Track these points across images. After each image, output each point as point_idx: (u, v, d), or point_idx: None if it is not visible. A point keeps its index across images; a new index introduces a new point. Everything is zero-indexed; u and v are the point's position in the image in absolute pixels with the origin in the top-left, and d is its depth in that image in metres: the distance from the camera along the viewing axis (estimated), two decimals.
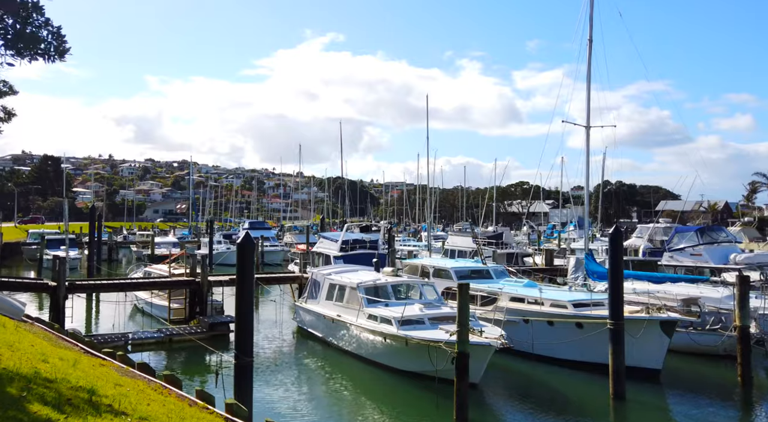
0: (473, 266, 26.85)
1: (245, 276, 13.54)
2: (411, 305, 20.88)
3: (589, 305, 20.38)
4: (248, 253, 13.62)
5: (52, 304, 24.45)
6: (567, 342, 19.70)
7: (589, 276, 27.23)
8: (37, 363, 9.85)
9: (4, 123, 12.87)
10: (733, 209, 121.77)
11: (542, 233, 75.41)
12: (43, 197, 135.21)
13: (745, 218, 74.13)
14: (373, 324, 20.51)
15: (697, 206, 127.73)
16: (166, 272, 30.79)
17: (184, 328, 25.13)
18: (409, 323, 19.09)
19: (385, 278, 23.21)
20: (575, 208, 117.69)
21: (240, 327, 13.44)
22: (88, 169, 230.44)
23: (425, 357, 17.22)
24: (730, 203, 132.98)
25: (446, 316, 19.79)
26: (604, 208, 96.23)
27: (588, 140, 27.36)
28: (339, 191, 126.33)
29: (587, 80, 27.03)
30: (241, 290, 13.54)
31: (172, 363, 22.06)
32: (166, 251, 59.79)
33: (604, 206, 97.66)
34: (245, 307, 13.48)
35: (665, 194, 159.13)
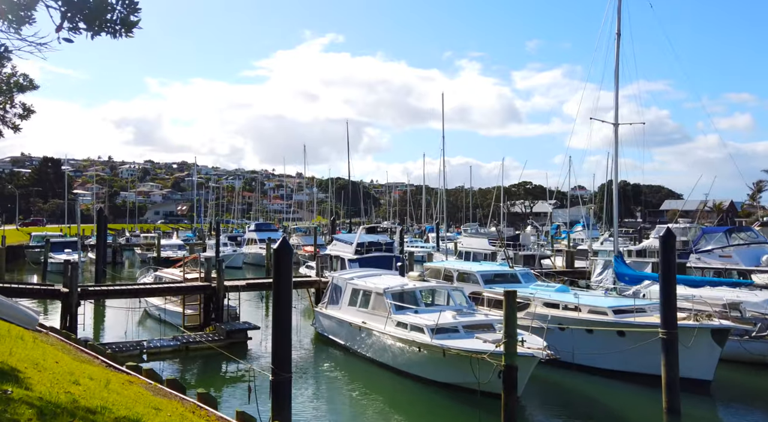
0: (500, 270, 25.88)
1: (283, 285, 12.59)
2: (442, 312, 19.94)
3: (632, 311, 19.42)
4: (285, 259, 12.66)
5: (64, 311, 23.45)
6: (610, 351, 18.70)
7: (619, 279, 26.34)
8: (69, 385, 8.90)
9: (23, 120, 11.92)
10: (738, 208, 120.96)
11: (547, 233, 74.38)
12: (44, 200, 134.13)
13: (765, 217, 73.25)
14: (402, 331, 19.55)
15: (701, 206, 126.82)
16: (178, 277, 29.86)
17: (201, 335, 24.16)
18: (443, 331, 18.10)
19: (413, 284, 22.25)
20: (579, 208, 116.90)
21: (278, 340, 12.47)
22: (87, 171, 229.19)
23: (465, 368, 16.23)
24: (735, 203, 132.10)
25: (481, 324, 18.84)
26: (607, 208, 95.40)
27: (617, 137, 26.46)
28: (342, 192, 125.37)
29: (615, 75, 26.15)
30: (279, 299, 12.58)
31: (193, 374, 21.08)
32: (172, 253, 58.94)
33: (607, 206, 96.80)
34: (283, 318, 12.52)
35: (667, 193, 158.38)
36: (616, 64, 26.00)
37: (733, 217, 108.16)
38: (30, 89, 11.49)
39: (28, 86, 11.40)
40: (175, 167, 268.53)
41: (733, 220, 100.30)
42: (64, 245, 56.22)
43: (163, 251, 59.61)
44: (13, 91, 11.11)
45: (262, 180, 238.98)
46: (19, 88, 11.24)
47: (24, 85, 11.32)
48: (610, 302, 20.64)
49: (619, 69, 26.16)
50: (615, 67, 26.01)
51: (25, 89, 11.38)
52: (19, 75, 11.18)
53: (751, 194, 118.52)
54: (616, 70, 26.02)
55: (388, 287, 21.57)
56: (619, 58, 25.95)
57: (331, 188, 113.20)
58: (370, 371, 20.86)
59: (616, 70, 26.03)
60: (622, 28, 25.92)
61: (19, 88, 11.21)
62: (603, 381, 18.96)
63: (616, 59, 26.02)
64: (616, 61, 25.99)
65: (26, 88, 11.40)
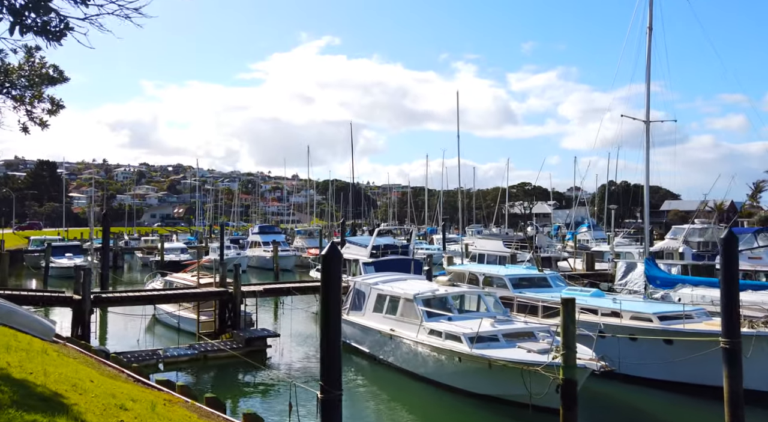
0: (529, 273, 24.93)
1: (332, 295, 11.60)
2: (479, 319, 19.00)
3: (680, 317, 18.50)
4: (335, 267, 11.68)
5: (76, 319, 22.39)
6: (660, 361, 17.75)
7: (650, 283, 25.43)
8: (117, 410, 7.92)
9: (52, 116, 10.91)
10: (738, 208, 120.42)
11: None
12: (39, 203, 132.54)
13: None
14: (436, 340, 18.57)
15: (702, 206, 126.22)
16: (190, 282, 28.79)
17: (219, 344, 23.13)
18: (482, 340, 17.12)
19: (444, 289, 21.31)
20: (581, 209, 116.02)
21: (327, 354, 11.47)
22: (82, 174, 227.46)
23: (515, 381, 15.25)
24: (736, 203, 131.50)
25: (522, 332, 17.90)
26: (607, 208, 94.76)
27: (648, 135, 25.59)
28: (341, 193, 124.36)
29: (647, 71, 25.26)
30: (328, 311, 11.59)
31: (217, 386, 20.04)
32: (175, 257, 57.75)
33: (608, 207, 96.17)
34: (333, 331, 11.52)
35: (665, 194, 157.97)
36: (647, 59, 25.14)
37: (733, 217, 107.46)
38: (60, 82, 10.49)
39: (58, 79, 10.40)
40: (171, 170, 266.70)
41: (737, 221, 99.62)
42: (65, 249, 55.06)
43: (165, 255, 58.45)
44: (42, 84, 10.11)
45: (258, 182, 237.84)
46: (49, 81, 10.24)
47: (54, 78, 10.32)
48: (655, 307, 19.72)
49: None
50: (647, 63, 25.15)
51: (56, 82, 10.38)
52: (49, 66, 10.18)
53: (751, 194, 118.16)
54: (647, 66, 25.16)
55: (418, 292, 20.61)
56: (650, 53, 25.09)
57: (332, 190, 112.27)
58: (401, 381, 19.88)
59: (648, 65, 25.17)
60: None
61: (49, 80, 10.21)
62: (651, 392, 18.02)
63: (648, 54, 25.16)
64: (647, 56, 25.13)
65: (56, 80, 10.39)
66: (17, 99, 10.50)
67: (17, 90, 10.14)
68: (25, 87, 10.01)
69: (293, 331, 28.36)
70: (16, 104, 10.62)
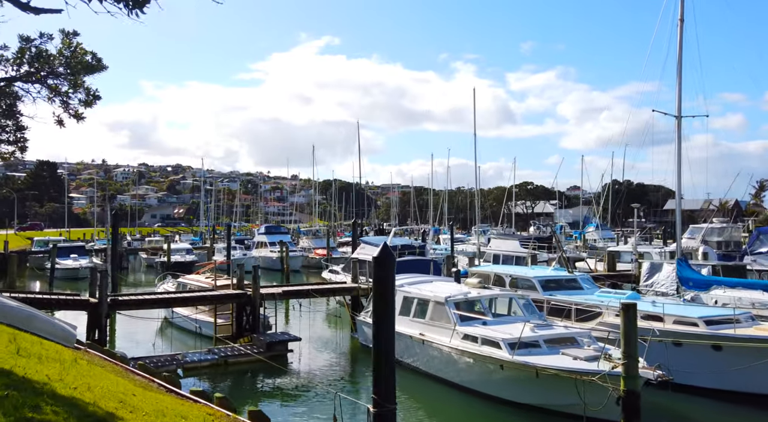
0: (560, 275, 24.14)
1: (386, 301, 10.84)
2: (516, 323, 18.23)
3: (729, 322, 17.71)
4: (388, 271, 10.90)
5: (91, 323, 21.61)
6: (706, 368, 16.97)
7: (682, 285, 24.64)
8: None
9: (88, 108, 10.11)
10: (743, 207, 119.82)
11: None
12: (40, 203, 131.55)
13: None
14: (472, 346, 17.76)
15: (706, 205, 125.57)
16: (205, 284, 28.00)
17: (239, 348, 22.33)
18: (524, 347, 16.33)
19: (477, 291, 20.52)
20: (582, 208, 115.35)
21: (381, 365, 10.72)
22: (81, 174, 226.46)
23: (565, 390, 14.44)
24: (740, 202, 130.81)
25: (563, 337, 17.11)
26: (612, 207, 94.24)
27: (679, 130, 24.85)
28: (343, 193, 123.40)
29: (678, 64, 24.52)
30: (381, 318, 10.84)
31: (242, 394, 19.21)
32: (180, 258, 56.82)
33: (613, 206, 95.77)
34: (387, 341, 10.78)
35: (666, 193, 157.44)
36: (679, 53, 24.39)
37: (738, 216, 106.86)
38: (99, 70, 9.68)
39: (96, 66, 9.59)
40: (170, 170, 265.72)
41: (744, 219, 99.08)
42: (70, 250, 54.17)
43: (171, 256, 57.52)
44: (80, 73, 9.30)
45: (257, 182, 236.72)
46: (88, 69, 9.43)
47: (93, 65, 9.51)
48: (700, 311, 18.93)
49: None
50: (678, 56, 24.40)
51: (94, 70, 9.56)
52: (88, 53, 9.37)
53: (755, 193, 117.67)
54: (679, 59, 24.42)
55: (449, 295, 19.82)
56: (682, 46, 24.35)
57: (334, 190, 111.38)
58: (434, 389, 19.07)
59: (679, 58, 24.42)
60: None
61: (87, 68, 9.41)
62: (700, 401, 17.20)
63: (679, 47, 24.41)
64: (678, 49, 24.38)
65: (95, 68, 9.58)
66: (53, 89, 9.70)
67: (55, 79, 9.34)
68: (66, 76, 9.20)
69: (312, 334, 27.58)
70: (51, 95, 9.83)
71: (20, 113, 10.05)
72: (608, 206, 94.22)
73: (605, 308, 20.32)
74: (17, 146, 10.67)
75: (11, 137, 10.53)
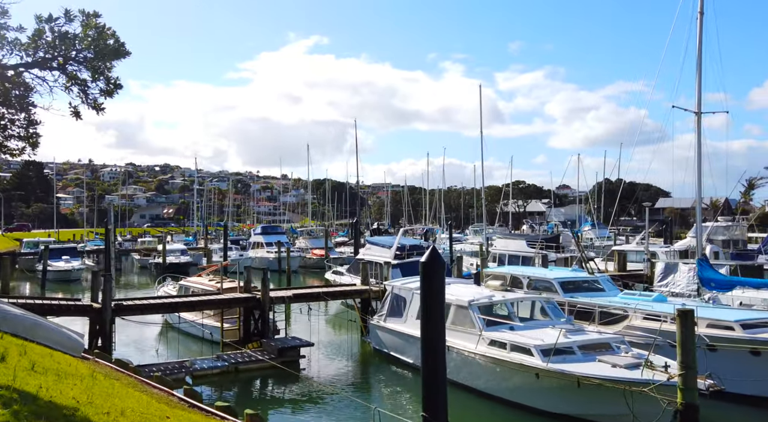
0: (581, 276, 23.34)
1: (435, 311, 9.95)
2: (544, 328, 17.43)
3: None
4: (438, 277, 10.01)
5: (94, 329, 20.56)
6: (744, 374, 16.18)
7: (703, 286, 23.91)
8: None
9: (108, 98, 9.14)
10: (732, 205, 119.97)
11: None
12: (27, 204, 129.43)
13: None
14: (500, 352, 16.90)
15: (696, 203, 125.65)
16: (208, 287, 26.99)
17: (249, 354, 21.36)
18: (557, 353, 15.48)
19: (501, 295, 19.67)
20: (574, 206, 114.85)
21: (431, 379, 9.82)
22: (67, 174, 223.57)
23: (610, 401, 13.57)
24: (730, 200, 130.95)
25: (598, 343, 16.29)
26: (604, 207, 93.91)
27: (699, 126, 24.20)
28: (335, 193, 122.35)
29: (698, 58, 23.85)
30: (430, 327, 9.93)
31: (256, 403, 18.27)
32: (175, 259, 55.61)
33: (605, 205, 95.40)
34: (436, 352, 9.88)
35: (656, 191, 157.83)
36: (699, 46, 23.69)
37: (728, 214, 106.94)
38: (123, 56, 8.71)
39: (121, 51, 8.62)
40: (158, 170, 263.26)
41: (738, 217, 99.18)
42: (62, 251, 52.85)
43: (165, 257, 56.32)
44: (107, 57, 8.33)
45: (248, 182, 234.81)
46: (112, 55, 8.46)
47: (118, 50, 8.53)
48: (735, 314, 18.17)
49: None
50: (698, 49, 23.71)
51: (119, 55, 8.59)
52: (111, 33, 8.37)
53: (744, 191, 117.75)
54: (698, 53, 23.73)
55: (473, 299, 18.94)
56: (702, 40, 23.65)
57: (328, 189, 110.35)
58: (459, 397, 18.15)
59: (699, 53, 23.73)
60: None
61: (112, 54, 8.43)
62: (740, 410, 16.43)
63: (699, 40, 23.71)
64: (698, 43, 23.68)
65: (120, 53, 8.61)
66: (71, 77, 8.72)
67: (75, 65, 8.37)
68: (90, 61, 8.22)
69: (321, 338, 26.64)
70: (68, 83, 8.85)
71: (33, 104, 9.03)
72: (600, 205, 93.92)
73: (632, 311, 19.53)
74: (28, 142, 9.67)
75: (22, 131, 9.51)
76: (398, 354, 21.86)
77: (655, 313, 19.15)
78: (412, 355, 21.09)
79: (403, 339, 21.62)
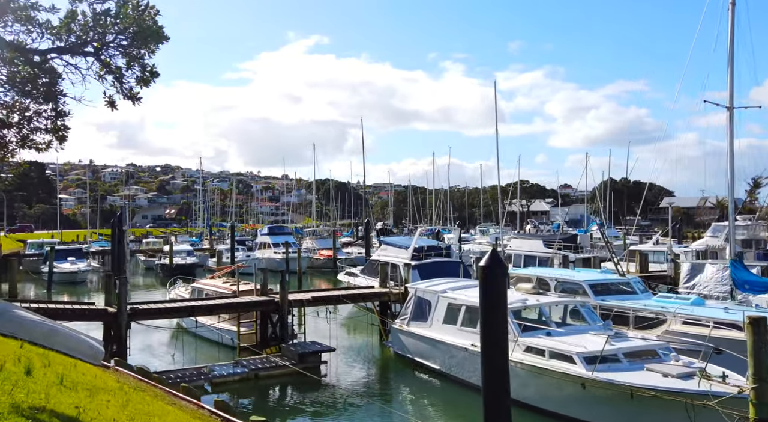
0: (611, 278, 22.54)
1: (496, 320, 9.15)
2: (583, 334, 16.63)
3: None
4: (499, 283, 9.21)
5: (108, 334, 19.79)
6: None
7: (737, 288, 23.11)
8: None
9: (144, 87, 8.32)
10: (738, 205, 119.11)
11: None
12: (29, 205, 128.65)
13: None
14: (538, 360, 16.07)
15: (702, 202, 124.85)
16: (222, 290, 26.17)
17: (270, 360, 20.58)
18: (602, 361, 14.65)
19: (535, 298, 18.85)
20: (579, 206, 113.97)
21: (492, 395, 9.00)
22: (68, 175, 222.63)
23: (667, 414, 12.69)
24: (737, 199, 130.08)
25: (643, 351, 15.46)
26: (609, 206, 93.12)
27: (731, 122, 23.41)
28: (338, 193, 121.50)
29: (730, 50, 23.04)
30: (491, 339, 9.13)
31: (280, 411, 17.51)
32: (181, 260, 54.74)
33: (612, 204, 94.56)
34: (498, 368, 9.06)
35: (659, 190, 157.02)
36: (730, 39, 22.90)
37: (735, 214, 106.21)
38: (162, 41, 7.88)
39: (162, 35, 7.79)
40: (159, 170, 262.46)
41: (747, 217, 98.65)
42: (67, 252, 52.03)
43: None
44: (150, 41, 7.51)
45: (249, 182, 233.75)
46: (154, 38, 7.64)
47: (159, 33, 7.71)
48: None
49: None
50: (729, 41, 22.92)
51: (160, 39, 7.77)
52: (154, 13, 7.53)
53: (750, 189, 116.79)
54: (730, 45, 22.94)
55: (507, 302, 18.09)
56: (734, 31, 22.88)
57: (331, 190, 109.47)
58: None
59: (731, 45, 22.93)
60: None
61: (153, 37, 7.61)
62: None
63: (731, 32, 22.90)
64: (730, 35, 22.90)
65: (161, 38, 7.78)
66: (105, 63, 7.90)
67: (114, 49, 7.55)
68: (130, 45, 7.41)
69: (339, 343, 25.80)
70: (101, 71, 8.03)
71: (62, 93, 8.20)
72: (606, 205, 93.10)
73: (671, 315, 18.73)
74: (55, 136, 8.84)
75: (48, 124, 8.68)
76: (423, 360, 21.05)
77: (696, 317, 18.36)
78: (437, 361, 20.32)
79: (428, 343, 20.82)
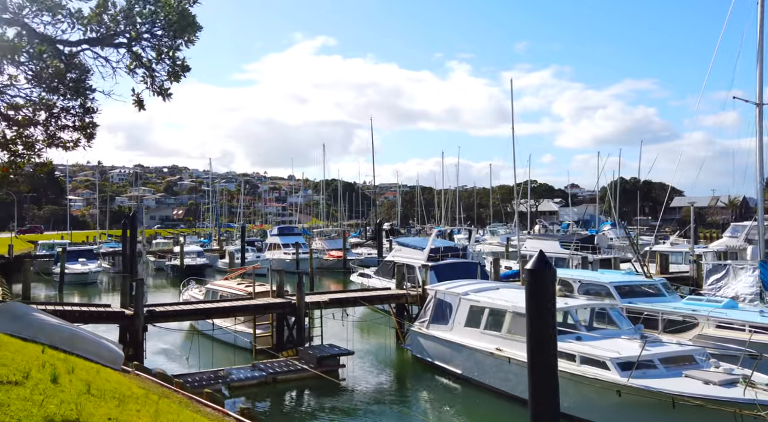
0: (638, 280, 22.01)
1: (546, 326, 8.68)
2: (615, 338, 16.11)
3: None
4: (548, 286, 8.74)
5: (124, 337, 19.43)
6: None
7: (767, 289, 22.55)
8: None
9: (174, 82, 7.88)
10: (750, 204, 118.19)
11: None
12: (38, 206, 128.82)
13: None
14: (568, 365, 15.47)
15: (713, 202, 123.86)
16: (238, 291, 25.78)
17: (288, 363, 20.15)
18: (639, 367, 14.13)
19: (563, 301, 18.32)
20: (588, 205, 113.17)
21: (541, 411, 8.52)
22: (77, 176, 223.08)
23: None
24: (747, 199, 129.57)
25: (680, 356, 14.92)
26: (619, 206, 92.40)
27: (760, 118, 22.87)
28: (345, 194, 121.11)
29: (758, 46, 22.56)
30: (538, 349, 8.66)
31: (300, 416, 17.04)
32: (191, 261, 54.36)
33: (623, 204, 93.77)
34: (546, 380, 8.60)
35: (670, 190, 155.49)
36: (759, 34, 22.42)
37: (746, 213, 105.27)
38: (195, 31, 7.45)
39: (196, 25, 7.35)
40: (166, 171, 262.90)
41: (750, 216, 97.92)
42: (78, 253, 51.83)
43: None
44: (186, 32, 7.07)
45: (255, 183, 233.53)
46: (191, 29, 7.20)
47: (193, 23, 7.27)
48: None
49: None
50: (759, 36, 22.45)
51: (194, 30, 7.33)
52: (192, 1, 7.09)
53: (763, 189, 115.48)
54: (759, 41, 22.46)
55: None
56: (763, 25, 22.38)
57: (339, 190, 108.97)
58: (519, 412, 16.89)
59: (760, 40, 22.47)
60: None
61: (190, 27, 7.17)
62: None
63: (760, 26, 22.43)
64: (759, 29, 22.41)
65: (194, 28, 7.35)
66: (136, 56, 7.47)
67: (148, 41, 7.11)
68: (164, 36, 6.97)
69: (355, 345, 25.36)
70: (132, 64, 7.60)
71: (92, 88, 7.76)
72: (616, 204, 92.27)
73: (704, 319, 18.19)
74: (83, 133, 8.41)
75: (76, 121, 8.24)
76: (443, 363, 20.59)
77: (730, 321, 17.82)
78: (459, 365, 19.86)
79: (449, 347, 20.37)
